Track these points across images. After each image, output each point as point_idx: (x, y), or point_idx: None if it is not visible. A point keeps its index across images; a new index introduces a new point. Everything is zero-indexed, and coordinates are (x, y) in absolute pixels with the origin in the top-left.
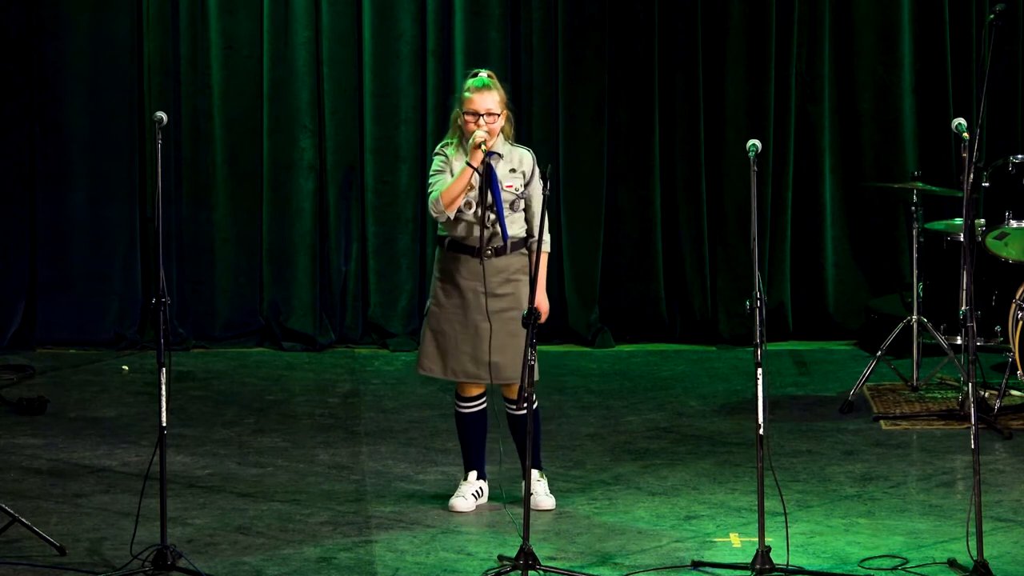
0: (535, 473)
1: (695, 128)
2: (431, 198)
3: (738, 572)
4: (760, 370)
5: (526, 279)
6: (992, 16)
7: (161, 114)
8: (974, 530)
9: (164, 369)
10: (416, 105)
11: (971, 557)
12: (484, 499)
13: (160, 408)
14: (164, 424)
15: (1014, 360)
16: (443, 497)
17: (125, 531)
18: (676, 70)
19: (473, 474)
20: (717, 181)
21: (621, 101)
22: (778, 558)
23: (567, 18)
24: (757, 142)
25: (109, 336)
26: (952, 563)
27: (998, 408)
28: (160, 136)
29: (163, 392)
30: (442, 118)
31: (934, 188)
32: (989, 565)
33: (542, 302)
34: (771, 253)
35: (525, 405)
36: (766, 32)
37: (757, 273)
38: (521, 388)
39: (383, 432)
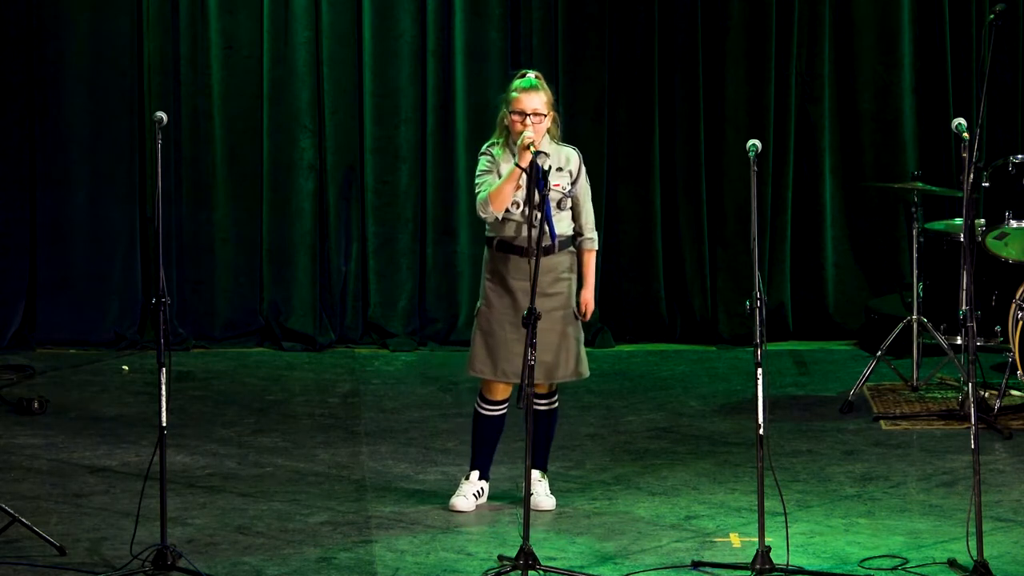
0: (536, 474)
1: (695, 128)
2: (479, 198)
3: (738, 572)
4: (760, 370)
5: (574, 277)
6: (992, 16)
7: (161, 114)
8: (974, 530)
9: (164, 369)
10: (416, 105)
11: (971, 557)
12: (484, 499)
13: (160, 408)
14: (164, 424)
15: (1014, 360)
16: (443, 497)
17: (125, 531)
18: (676, 70)
19: (475, 474)
20: (717, 181)
21: (621, 101)
22: (778, 558)
23: (567, 18)
24: (757, 142)
25: (109, 336)
26: (952, 563)
27: (998, 408)
28: (160, 136)
29: (163, 392)
30: (442, 118)
31: (934, 188)
32: (989, 565)
33: (590, 300)
34: (771, 253)
35: (524, 404)
36: (766, 32)
37: (757, 273)
38: (521, 387)
39: (383, 432)
